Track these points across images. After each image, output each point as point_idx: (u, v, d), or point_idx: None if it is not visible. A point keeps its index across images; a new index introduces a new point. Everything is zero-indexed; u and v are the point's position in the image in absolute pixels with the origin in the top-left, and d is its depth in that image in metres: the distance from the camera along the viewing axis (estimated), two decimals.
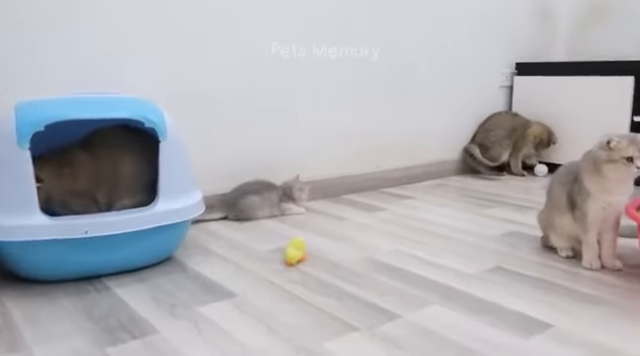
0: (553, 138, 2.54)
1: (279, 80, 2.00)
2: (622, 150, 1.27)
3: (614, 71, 2.39)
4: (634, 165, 1.27)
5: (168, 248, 1.42)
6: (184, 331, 1.05)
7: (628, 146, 1.27)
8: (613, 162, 1.28)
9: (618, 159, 1.27)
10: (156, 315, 1.12)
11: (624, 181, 1.32)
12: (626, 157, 1.27)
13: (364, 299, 1.20)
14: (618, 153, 1.27)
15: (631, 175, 1.29)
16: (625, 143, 1.27)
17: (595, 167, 1.32)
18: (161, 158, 1.32)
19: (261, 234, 1.68)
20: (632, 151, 1.27)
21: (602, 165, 1.30)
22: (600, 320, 1.10)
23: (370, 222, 1.81)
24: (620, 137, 1.28)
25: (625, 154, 1.27)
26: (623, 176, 1.29)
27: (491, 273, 1.35)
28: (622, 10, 2.74)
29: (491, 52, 2.68)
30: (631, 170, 1.27)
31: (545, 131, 2.54)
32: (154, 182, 1.34)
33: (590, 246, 1.38)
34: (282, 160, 2.05)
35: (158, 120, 1.31)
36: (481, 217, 1.87)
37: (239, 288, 1.26)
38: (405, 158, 2.42)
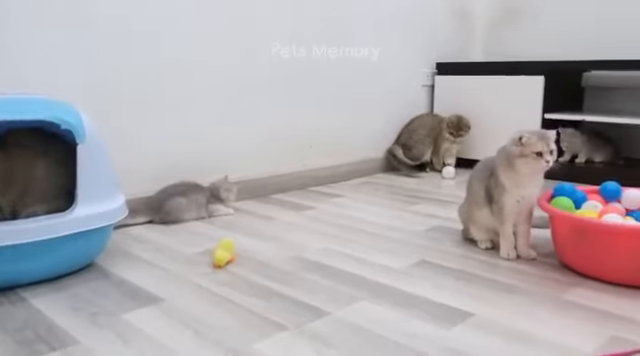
0: (464, 121, 2.60)
1: (205, 80, 1.96)
2: (532, 145, 1.34)
3: (526, 71, 2.52)
4: (543, 159, 1.34)
5: (88, 255, 1.36)
6: (107, 340, 1.01)
7: (538, 142, 1.34)
8: (524, 157, 1.35)
9: (529, 154, 1.34)
10: (77, 325, 1.07)
11: (535, 175, 1.39)
12: (536, 152, 1.34)
13: (293, 298, 1.20)
14: (529, 148, 1.34)
15: (541, 169, 1.36)
16: (535, 139, 1.34)
17: (509, 162, 1.38)
18: (79, 161, 1.26)
19: (188, 237, 1.64)
20: (541, 146, 1.34)
21: (515, 160, 1.36)
22: (518, 307, 1.15)
23: (299, 221, 1.82)
24: (530, 133, 1.35)
25: (535, 149, 1.34)
26: (534, 170, 1.37)
27: (416, 267, 1.39)
28: (533, 13, 2.89)
29: (412, 52, 2.75)
30: (541, 164, 1.34)
31: (455, 116, 2.63)
32: (73, 187, 1.28)
33: (507, 238, 1.44)
34: (209, 161, 2.02)
35: (75, 122, 1.26)
36: (406, 213, 1.92)
37: (166, 293, 1.23)
38: (332, 157, 2.45)
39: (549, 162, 1.34)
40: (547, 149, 1.34)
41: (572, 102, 2.72)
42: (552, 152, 1.35)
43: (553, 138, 1.36)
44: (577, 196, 1.48)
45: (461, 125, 2.60)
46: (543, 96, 2.47)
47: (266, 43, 2.13)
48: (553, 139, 1.36)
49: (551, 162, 1.34)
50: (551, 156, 1.34)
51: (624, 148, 2.56)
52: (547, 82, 2.47)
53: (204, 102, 1.98)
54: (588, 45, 2.69)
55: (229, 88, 2.04)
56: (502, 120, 2.59)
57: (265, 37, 2.12)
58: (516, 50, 2.96)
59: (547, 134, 1.36)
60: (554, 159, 1.35)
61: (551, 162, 1.34)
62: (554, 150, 1.35)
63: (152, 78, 1.83)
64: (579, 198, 1.48)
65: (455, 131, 2.59)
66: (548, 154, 1.34)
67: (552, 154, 1.35)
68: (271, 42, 2.14)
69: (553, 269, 1.37)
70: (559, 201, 1.44)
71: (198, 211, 1.82)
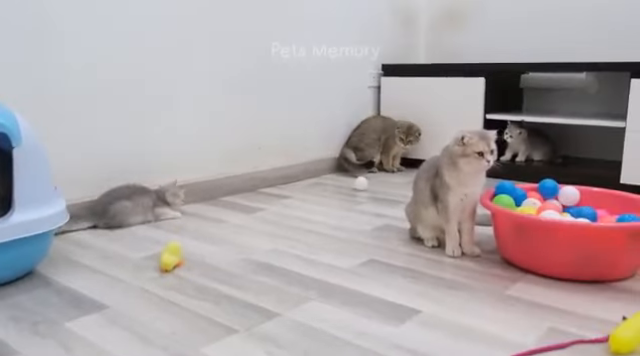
0: (414, 128, 2.64)
1: (152, 80, 1.92)
2: (474, 145, 1.38)
3: (467, 73, 2.59)
4: (484, 159, 1.38)
5: (28, 263, 1.30)
6: (49, 350, 0.98)
7: (479, 142, 1.38)
8: (467, 156, 1.38)
9: (471, 153, 1.38)
10: (16, 335, 1.03)
11: (477, 174, 1.43)
12: (477, 152, 1.37)
13: (242, 300, 1.19)
14: (470, 148, 1.38)
15: (483, 168, 1.40)
16: (476, 139, 1.38)
17: (452, 161, 1.42)
18: (15, 165, 1.21)
19: (134, 241, 1.60)
20: (482, 146, 1.37)
21: (457, 159, 1.40)
22: (463, 304, 1.18)
23: (248, 223, 1.80)
24: (472, 133, 1.39)
25: (477, 149, 1.37)
26: (476, 169, 1.40)
27: (364, 266, 1.40)
28: (475, 16, 2.97)
29: (358, 54, 2.78)
30: (482, 163, 1.38)
31: (405, 124, 2.67)
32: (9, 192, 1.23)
33: (452, 236, 1.48)
34: (156, 163, 1.97)
35: (10, 124, 1.20)
36: (354, 213, 1.93)
37: (110, 299, 1.19)
38: (282, 158, 2.44)
39: (490, 161, 1.38)
40: (488, 149, 1.38)
41: (512, 103, 2.81)
42: (493, 152, 1.39)
43: (494, 138, 1.40)
44: (517, 194, 1.54)
45: (411, 131, 2.64)
46: (484, 97, 2.55)
47: (214, 44, 2.10)
48: (494, 139, 1.40)
49: (492, 161, 1.39)
50: (492, 156, 1.38)
51: (561, 147, 2.67)
52: (488, 83, 2.54)
53: (151, 104, 1.93)
54: (526, 48, 2.79)
55: (177, 91, 2.00)
56: (446, 120, 2.65)
57: (212, 38, 2.09)
58: (458, 52, 3.04)
59: (488, 134, 1.40)
60: (495, 158, 1.39)
61: (492, 161, 1.39)
62: (494, 150, 1.39)
63: (95, 78, 1.77)
64: (519, 196, 1.54)
65: (405, 137, 2.64)
66: (489, 154, 1.38)
67: (493, 154, 1.39)
68: (220, 43, 2.11)
69: (496, 265, 1.41)
70: (500, 199, 1.48)
71: (144, 215, 1.78)
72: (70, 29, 1.69)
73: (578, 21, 2.64)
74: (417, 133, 2.65)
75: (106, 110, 1.82)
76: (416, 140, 2.66)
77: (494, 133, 1.41)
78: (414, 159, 2.74)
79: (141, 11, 1.86)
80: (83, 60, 1.74)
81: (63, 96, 1.71)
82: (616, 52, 2.52)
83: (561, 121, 2.40)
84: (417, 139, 2.66)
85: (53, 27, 1.66)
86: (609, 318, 1.11)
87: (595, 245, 1.26)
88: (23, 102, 1.56)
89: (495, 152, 1.39)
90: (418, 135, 2.66)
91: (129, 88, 1.87)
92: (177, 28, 1.98)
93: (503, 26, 2.87)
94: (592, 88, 2.58)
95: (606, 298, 1.21)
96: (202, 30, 2.06)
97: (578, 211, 1.45)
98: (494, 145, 1.39)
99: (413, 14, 3.09)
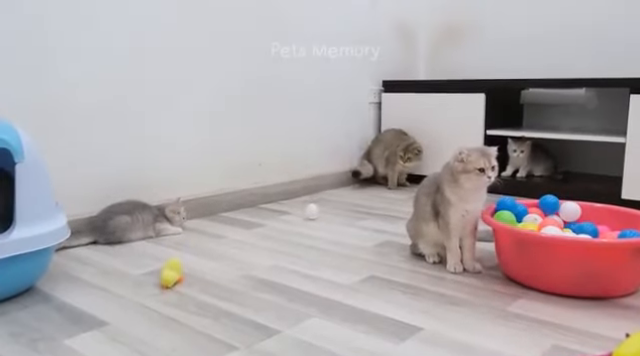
0: (412, 146, 2.64)
1: (152, 95, 1.93)
2: (474, 162, 1.38)
3: (468, 89, 2.60)
4: (485, 175, 1.38)
5: (28, 279, 1.30)
6: None
7: (479, 158, 1.38)
8: (467, 173, 1.39)
9: (472, 170, 1.38)
10: (15, 352, 1.02)
11: (478, 190, 1.43)
12: (478, 168, 1.38)
13: (243, 317, 1.18)
14: (471, 165, 1.38)
15: (484, 184, 1.40)
16: (476, 156, 1.38)
17: (453, 178, 1.42)
18: (17, 181, 1.22)
19: (134, 257, 1.60)
20: (483, 163, 1.38)
21: (458, 175, 1.40)
22: (464, 320, 1.17)
23: (249, 239, 1.80)
24: (472, 150, 1.40)
25: (477, 165, 1.38)
26: (477, 185, 1.40)
27: (365, 282, 1.40)
28: (475, 33, 3.00)
29: (360, 71, 2.79)
30: (483, 180, 1.38)
31: (408, 141, 2.67)
32: (10, 208, 1.23)
33: (453, 252, 1.47)
34: (157, 179, 1.97)
35: (12, 140, 1.21)
36: (355, 229, 1.93)
37: (110, 316, 1.19)
38: (283, 174, 2.44)
39: (491, 178, 1.38)
40: (489, 165, 1.38)
41: (513, 119, 2.82)
42: (494, 168, 1.39)
43: (494, 154, 1.41)
44: (518, 210, 1.54)
45: (409, 149, 2.64)
46: (485, 113, 2.55)
47: (215, 62, 2.11)
48: (494, 155, 1.41)
49: (493, 177, 1.39)
50: (493, 172, 1.39)
51: (562, 162, 2.67)
52: (488, 99, 2.55)
53: (151, 119, 1.94)
54: (526, 64, 2.81)
55: (177, 106, 2.01)
56: (447, 136, 2.66)
57: (213, 55, 2.10)
58: (458, 69, 3.06)
59: (488, 151, 1.41)
60: (496, 174, 1.40)
61: (493, 177, 1.39)
62: (495, 166, 1.40)
63: (96, 94, 1.78)
64: (520, 212, 1.54)
65: (403, 154, 2.64)
66: (490, 170, 1.38)
67: (494, 170, 1.39)
68: (220, 61, 2.13)
69: (497, 281, 1.41)
70: (501, 215, 1.48)
71: (144, 230, 1.78)
72: (69, 46, 1.71)
73: (577, 37, 2.66)
74: (416, 151, 2.65)
75: (106, 125, 1.82)
76: (415, 157, 2.65)
77: (495, 149, 1.42)
78: (415, 175, 2.74)
79: (141, 27, 1.88)
80: (83, 75, 1.75)
81: (63, 111, 1.71)
82: (615, 68, 2.53)
83: (561, 137, 2.40)
84: (417, 157, 2.65)
85: (53, 43, 1.67)
86: (612, 335, 1.10)
87: (597, 261, 1.26)
88: (24, 117, 1.56)
89: (496, 168, 1.40)
90: (417, 153, 2.65)
91: (129, 103, 1.88)
92: (177, 44, 1.99)
93: (503, 42, 2.89)
94: (591, 104, 2.60)
95: (609, 315, 1.20)
96: (203, 46, 2.07)
97: (579, 227, 1.45)
98: (495, 161, 1.40)
99: (413, 30, 3.12)
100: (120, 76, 1.84)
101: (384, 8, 2.87)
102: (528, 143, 2.52)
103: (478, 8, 2.97)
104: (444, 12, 3.10)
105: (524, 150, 2.53)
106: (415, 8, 3.09)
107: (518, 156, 2.54)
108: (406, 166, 2.67)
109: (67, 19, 1.69)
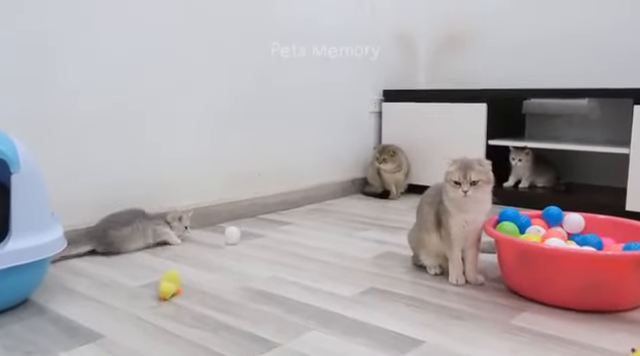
0: (388, 148, 2.67)
1: (151, 105, 1.93)
2: (451, 173, 1.38)
3: (470, 98, 2.60)
4: (460, 189, 1.36)
5: (23, 291, 1.29)
6: None
7: (456, 171, 1.37)
8: (447, 182, 1.40)
9: (448, 181, 1.38)
10: None
11: (475, 201, 1.39)
12: (453, 180, 1.37)
13: (241, 330, 1.17)
14: (448, 175, 1.39)
15: (460, 197, 1.37)
16: (455, 167, 1.38)
17: (444, 185, 1.42)
18: (13, 192, 1.21)
19: (132, 269, 1.59)
20: (458, 176, 1.36)
21: (445, 184, 1.41)
22: (467, 334, 1.16)
23: (247, 250, 1.79)
24: (456, 161, 1.39)
25: (453, 178, 1.37)
26: (454, 197, 1.39)
27: (366, 294, 1.39)
28: (476, 41, 3.00)
29: (360, 80, 2.80)
30: (458, 192, 1.36)
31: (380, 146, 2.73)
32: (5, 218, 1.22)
33: (455, 263, 1.46)
34: (156, 189, 1.97)
35: (8, 150, 1.21)
36: (356, 240, 1.92)
37: (107, 329, 1.18)
38: (283, 184, 2.44)
39: (466, 192, 1.36)
40: (464, 180, 1.36)
41: (514, 129, 2.81)
42: (474, 183, 1.36)
43: (478, 169, 1.37)
44: (521, 221, 1.53)
45: (384, 150, 2.67)
46: (486, 123, 2.55)
47: (216, 74, 2.12)
48: (478, 170, 1.37)
49: (470, 192, 1.36)
50: (471, 187, 1.36)
51: (565, 173, 2.66)
52: (490, 109, 2.55)
53: (150, 129, 1.94)
54: (528, 74, 2.81)
55: (176, 116, 2.01)
56: (448, 146, 2.65)
57: (214, 66, 2.11)
58: (459, 78, 3.06)
59: (471, 164, 1.37)
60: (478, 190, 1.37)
61: (470, 192, 1.36)
62: (478, 181, 1.36)
63: (96, 103, 1.78)
64: (523, 223, 1.53)
65: (379, 155, 2.66)
66: (466, 184, 1.36)
67: (474, 185, 1.36)
68: (221, 72, 2.13)
69: (500, 294, 1.40)
70: (504, 226, 1.47)
71: (144, 239, 1.77)
72: (69, 54, 1.71)
73: (580, 46, 2.66)
74: (391, 152, 2.66)
75: (105, 135, 1.82)
76: (391, 159, 2.65)
77: (485, 163, 1.39)
78: (416, 185, 2.74)
79: (141, 37, 1.88)
80: (82, 85, 1.75)
81: (61, 120, 1.71)
82: (619, 78, 2.53)
83: (564, 147, 2.40)
84: (392, 158, 2.65)
85: (52, 53, 1.67)
86: (617, 349, 1.09)
87: (601, 274, 1.25)
88: (20, 127, 1.56)
89: (482, 183, 1.37)
90: (392, 154, 2.66)
91: (128, 113, 1.87)
92: (177, 54, 1.99)
93: (505, 52, 2.90)
94: (594, 114, 2.59)
95: (613, 329, 1.19)
96: (203, 57, 2.08)
97: (583, 239, 1.44)
98: (478, 175, 1.36)
99: (413, 39, 3.13)
100: (119, 86, 1.83)
101: (383, 15, 2.88)
102: (527, 152, 2.52)
103: (479, 16, 2.98)
104: (445, 20, 3.11)
105: (522, 158, 2.52)
106: (415, 16, 3.10)
107: (516, 164, 2.54)
108: (382, 168, 2.67)
109: (66, 28, 1.69)
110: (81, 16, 1.72)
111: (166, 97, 1.98)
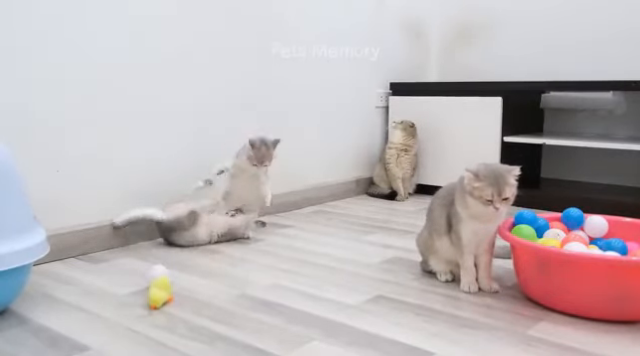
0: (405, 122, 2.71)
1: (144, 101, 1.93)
2: (482, 190, 1.34)
3: (483, 92, 2.60)
4: (492, 206, 1.34)
5: (2, 300, 1.29)
6: None
7: (487, 187, 1.33)
8: (475, 198, 1.36)
9: (478, 197, 1.35)
10: None
11: (502, 214, 1.39)
12: (486, 199, 1.34)
13: (239, 341, 1.18)
14: (478, 192, 1.35)
15: (491, 214, 1.36)
16: (486, 183, 1.33)
17: (462, 195, 1.40)
18: None
19: (120, 275, 1.60)
20: (491, 193, 1.33)
21: (467, 196, 1.38)
22: (481, 345, 1.17)
23: (246, 254, 1.80)
24: (485, 174, 1.34)
25: (485, 196, 1.34)
26: (483, 213, 1.37)
27: (372, 303, 1.39)
28: (489, 33, 3.01)
29: (365, 73, 2.80)
30: (489, 210, 1.35)
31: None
32: None
33: (467, 270, 1.47)
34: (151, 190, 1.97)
35: None
36: (361, 244, 1.93)
37: (93, 340, 1.18)
38: (282, 184, 2.44)
39: (499, 208, 1.34)
40: (497, 197, 1.34)
41: (532, 124, 2.81)
42: (507, 199, 1.35)
43: (510, 183, 1.35)
44: (539, 224, 1.53)
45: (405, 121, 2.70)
46: (502, 118, 2.54)
47: (210, 70, 2.12)
48: (510, 184, 1.35)
49: (502, 208, 1.35)
50: (504, 202, 1.34)
51: (587, 172, 2.66)
52: (505, 103, 2.54)
53: (149, 129, 1.94)
54: (547, 65, 2.81)
55: (175, 116, 2.02)
56: (460, 143, 2.66)
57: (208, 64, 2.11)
58: (473, 70, 3.06)
59: (503, 178, 1.34)
60: (509, 204, 1.36)
61: (502, 208, 1.35)
62: (510, 196, 1.35)
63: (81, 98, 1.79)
64: (541, 226, 1.53)
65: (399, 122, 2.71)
66: (499, 202, 1.34)
67: (506, 201, 1.35)
68: (214, 69, 2.14)
69: (516, 302, 1.40)
70: (520, 229, 1.47)
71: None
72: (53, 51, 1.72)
73: (604, 36, 2.65)
74: (411, 124, 2.70)
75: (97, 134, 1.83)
76: (409, 130, 2.69)
77: (514, 173, 1.37)
78: (426, 185, 2.74)
79: (141, 37, 1.89)
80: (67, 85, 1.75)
81: (45, 121, 1.71)
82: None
83: (586, 144, 2.39)
84: (410, 130, 2.69)
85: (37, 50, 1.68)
86: None
87: (627, 282, 1.25)
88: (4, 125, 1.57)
89: (512, 197, 1.36)
90: (412, 125, 2.70)
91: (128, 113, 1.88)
92: (176, 54, 2.00)
93: (521, 42, 2.90)
94: (620, 108, 2.60)
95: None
96: (203, 57, 2.08)
97: (607, 243, 1.44)
98: (510, 190, 1.35)
99: (424, 29, 3.13)
100: (118, 84, 1.84)
101: (392, 4, 2.88)
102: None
103: (494, 4, 2.98)
104: (457, 9, 3.12)
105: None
106: (426, 5, 3.11)
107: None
108: (395, 136, 2.69)
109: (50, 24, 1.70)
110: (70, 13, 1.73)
111: (165, 97, 1.99)
